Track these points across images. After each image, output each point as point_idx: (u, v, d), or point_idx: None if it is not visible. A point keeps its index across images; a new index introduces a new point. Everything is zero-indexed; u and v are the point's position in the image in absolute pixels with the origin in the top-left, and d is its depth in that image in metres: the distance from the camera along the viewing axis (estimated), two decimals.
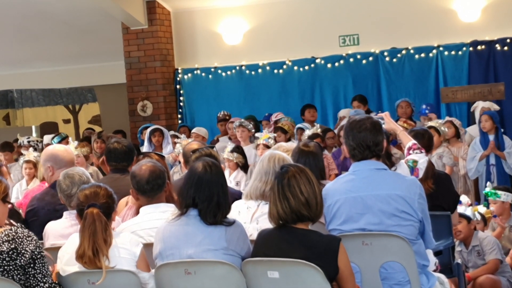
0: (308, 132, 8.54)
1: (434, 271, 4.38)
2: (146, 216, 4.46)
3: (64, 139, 9.91)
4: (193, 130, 10.18)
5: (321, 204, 3.82)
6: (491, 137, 8.50)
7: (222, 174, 4.06)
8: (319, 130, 8.72)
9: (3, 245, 3.65)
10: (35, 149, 9.64)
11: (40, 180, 6.23)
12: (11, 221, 4.25)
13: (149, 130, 9.67)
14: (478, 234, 6.35)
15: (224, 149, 8.12)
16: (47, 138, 11.02)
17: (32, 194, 5.87)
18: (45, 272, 3.73)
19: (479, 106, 9.26)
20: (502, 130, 8.74)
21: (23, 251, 3.68)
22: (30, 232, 3.77)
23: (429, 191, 5.37)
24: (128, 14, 11.26)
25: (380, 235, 3.96)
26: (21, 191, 7.88)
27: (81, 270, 3.82)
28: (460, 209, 6.26)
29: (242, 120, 9.38)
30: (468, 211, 6.39)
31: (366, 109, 10.05)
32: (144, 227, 4.39)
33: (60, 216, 4.79)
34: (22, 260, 3.66)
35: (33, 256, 3.69)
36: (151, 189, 4.52)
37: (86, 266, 3.78)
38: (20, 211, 5.53)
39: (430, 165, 5.66)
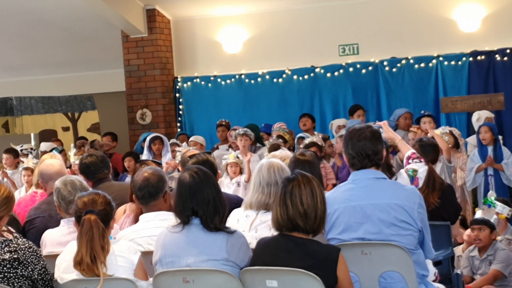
0: (306, 141, 8.52)
1: (434, 281, 4.36)
2: (145, 224, 4.44)
3: (60, 152, 9.87)
4: (191, 138, 10.15)
5: (322, 219, 3.78)
6: (490, 148, 8.46)
7: (210, 175, 4.03)
8: (315, 139, 8.57)
9: (5, 255, 3.72)
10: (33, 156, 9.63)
11: (36, 187, 6.21)
12: (9, 227, 4.23)
13: (149, 138, 9.66)
14: (496, 244, 6.32)
15: (226, 155, 8.21)
16: (44, 145, 10.99)
17: (24, 202, 5.89)
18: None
19: (482, 116, 9.17)
20: (501, 138, 8.67)
21: (25, 262, 3.75)
22: (31, 243, 3.85)
23: (434, 205, 5.39)
24: (128, 22, 11.27)
25: (379, 244, 3.94)
26: None
27: (78, 278, 3.80)
28: (487, 214, 6.28)
29: (246, 129, 9.34)
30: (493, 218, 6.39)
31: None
32: (143, 234, 4.37)
33: (56, 222, 4.78)
34: (24, 271, 3.70)
35: (41, 273, 3.81)
36: (143, 196, 4.52)
37: (84, 274, 3.76)
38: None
39: (438, 178, 5.66)
